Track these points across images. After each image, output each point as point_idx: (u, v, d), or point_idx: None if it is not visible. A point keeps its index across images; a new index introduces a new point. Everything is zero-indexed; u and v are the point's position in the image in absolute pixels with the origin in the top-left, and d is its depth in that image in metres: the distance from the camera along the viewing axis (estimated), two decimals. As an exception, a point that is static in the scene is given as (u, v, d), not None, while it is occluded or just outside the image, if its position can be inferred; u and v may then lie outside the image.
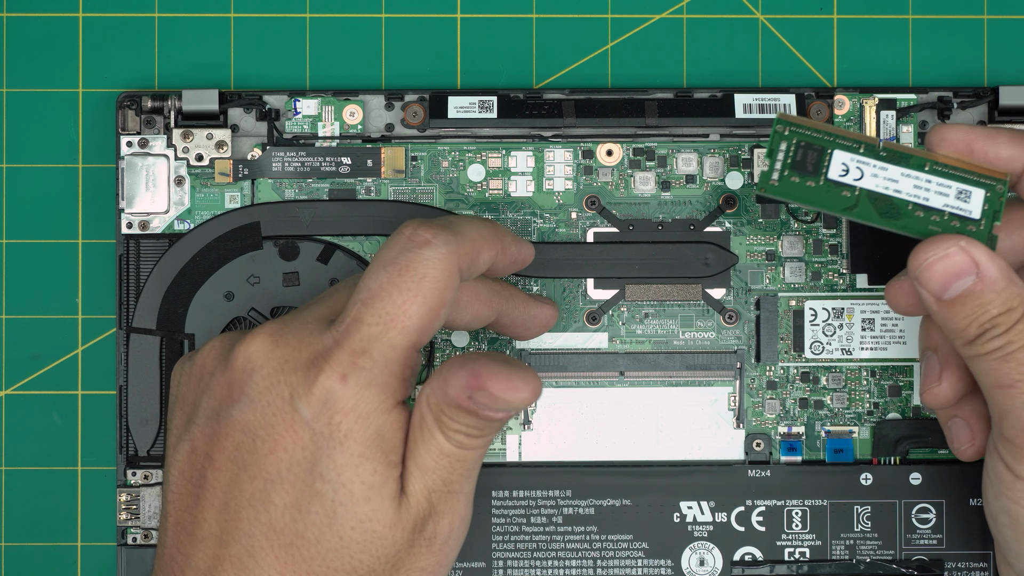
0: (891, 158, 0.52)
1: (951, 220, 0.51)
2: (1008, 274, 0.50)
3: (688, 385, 0.59)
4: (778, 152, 0.52)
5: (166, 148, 0.59)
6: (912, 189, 0.51)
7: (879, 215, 0.51)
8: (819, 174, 0.52)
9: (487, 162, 0.59)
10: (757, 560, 0.59)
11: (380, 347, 0.48)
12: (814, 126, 0.52)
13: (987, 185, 0.51)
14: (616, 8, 0.61)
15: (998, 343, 0.50)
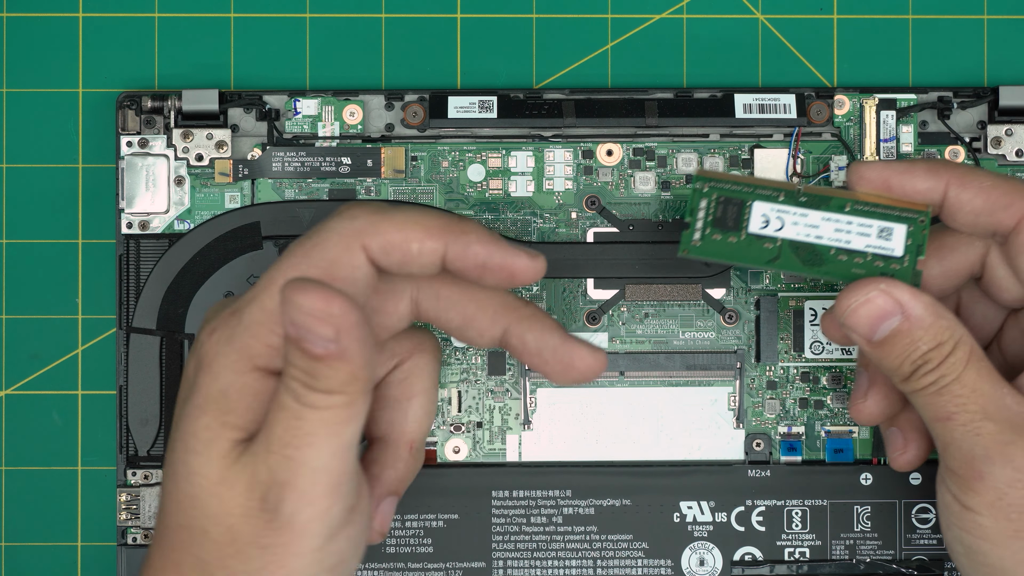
0: (811, 203, 0.51)
1: (875, 261, 0.51)
2: (934, 309, 0.50)
3: (688, 385, 0.59)
4: (699, 211, 0.51)
5: (166, 148, 0.59)
6: (833, 233, 0.51)
7: (803, 264, 0.51)
8: (740, 228, 0.51)
9: (487, 162, 0.59)
10: (757, 560, 0.59)
11: (250, 308, 0.47)
12: (732, 179, 0.52)
13: (908, 219, 0.51)
14: (616, 8, 0.61)
15: (932, 377, 0.50)
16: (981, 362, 0.50)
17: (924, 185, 0.51)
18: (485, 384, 0.59)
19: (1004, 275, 0.53)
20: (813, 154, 0.59)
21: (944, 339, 0.50)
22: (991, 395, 0.50)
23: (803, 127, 0.59)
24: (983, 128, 0.59)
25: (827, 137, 0.59)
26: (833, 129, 0.59)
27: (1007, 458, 0.49)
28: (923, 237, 0.51)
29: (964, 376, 0.50)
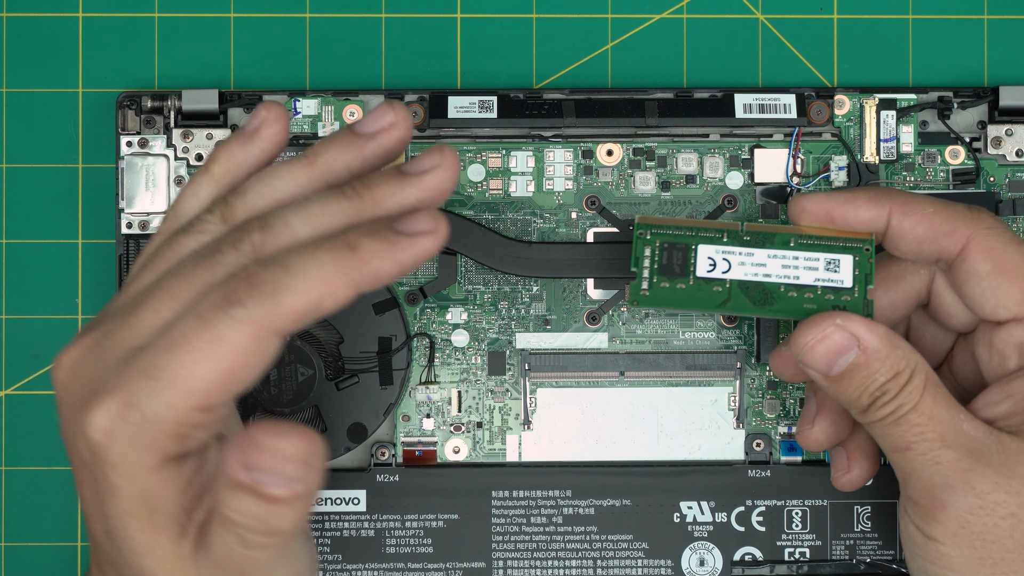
0: (755, 241, 0.51)
1: (825, 294, 0.51)
2: (890, 339, 0.50)
3: (688, 385, 0.59)
4: (644, 260, 0.51)
5: (166, 148, 0.59)
6: (781, 270, 0.51)
7: (754, 304, 0.51)
8: (687, 274, 0.51)
9: (487, 162, 0.59)
10: (757, 560, 0.59)
11: (153, 403, 0.43)
12: (673, 223, 0.51)
13: (854, 249, 0.51)
14: (616, 8, 0.61)
15: (890, 408, 0.50)
16: (937, 388, 0.50)
17: (867, 215, 0.51)
18: (485, 384, 0.59)
19: (951, 301, 0.53)
20: (813, 154, 0.59)
21: (901, 368, 0.49)
22: (948, 422, 0.49)
23: (803, 127, 0.59)
24: (983, 128, 0.59)
25: (827, 137, 0.59)
26: (833, 129, 0.59)
27: (968, 485, 0.49)
28: (870, 266, 0.51)
29: (921, 404, 0.49)
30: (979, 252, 0.50)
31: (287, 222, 0.45)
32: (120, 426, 0.44)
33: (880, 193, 0.51)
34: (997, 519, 0.49)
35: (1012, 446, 0.49)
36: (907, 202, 0.51)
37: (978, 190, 0.59)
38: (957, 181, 0.59)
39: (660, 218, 0.52)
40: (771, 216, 0.59)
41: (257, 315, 0.43)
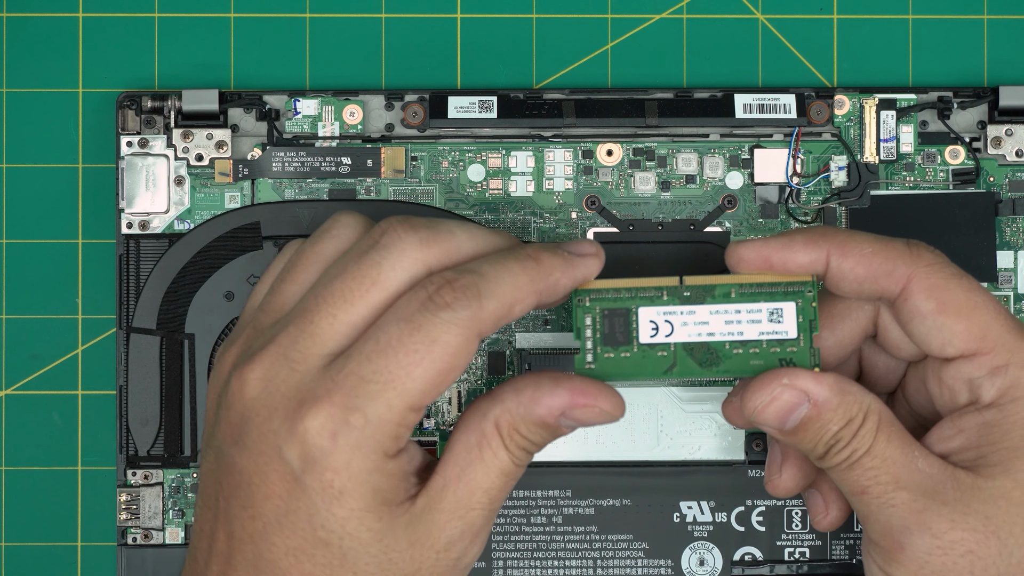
0: (695, 297, 0.50)
1: (771, 347, 0.50)
2: (839, 387, 0.49)
3: (688, 385, 0.59)
4: (585, 330, 0.50)
5: (166, 148, 0.59)
6: (724, 327, 0.50)
7: (700, 366, 0.50)
8: (630, 341, 0.50)
9: (487, 162, 0.59)
10: (757, 560, 0.59)
11: (375, 406, 0.46)
12: (611, 285, 0.50)
13: (796, 294, 0.50)
14: (616, 8, 0.61)
15: (844, 454, 0.49)
16: (891, 428, 0.49)
17: (805, 258, 0.50)
18: (485, 384, 0.59)
19: (897, 335, 0.52)
20: (813, 154, 0.59)
21: (853, 414, 0.49)
22: (902, 461, 0.49)
23: (803, 127, 0.59)
24: (983, 128, 0.59)
25: (827, 137, 0.59)
26: (833, 129, 0.59)
27: (924, 526, 0.48)
28: (813, 311, 0.50)
29: (874, 447, 0.49)
30: (921, 291, 0.49)
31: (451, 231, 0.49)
32: (344, 429, 0.46)
33: (817, 235, 0.50)
34: (956, 557, 0.48)
35: (966, 482, 0.49)
36: (845, 242, 0.50)
37: (978, 190, 0.59)
38: (957, 181, 0.59)
39: (597, 282, 0.50)
40: (771, 216, 0.59)
41: (464, 317, 0.46)
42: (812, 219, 0.59)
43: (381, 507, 0.47)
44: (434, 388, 0.46)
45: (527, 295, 0.48)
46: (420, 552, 0.48)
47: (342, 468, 0.46)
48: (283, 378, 0.47)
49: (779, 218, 0.59)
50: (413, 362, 0.46)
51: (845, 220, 0.59)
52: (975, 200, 0.59)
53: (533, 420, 0.48)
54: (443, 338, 0.46)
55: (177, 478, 0.59)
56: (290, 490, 0.47)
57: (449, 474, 0.48)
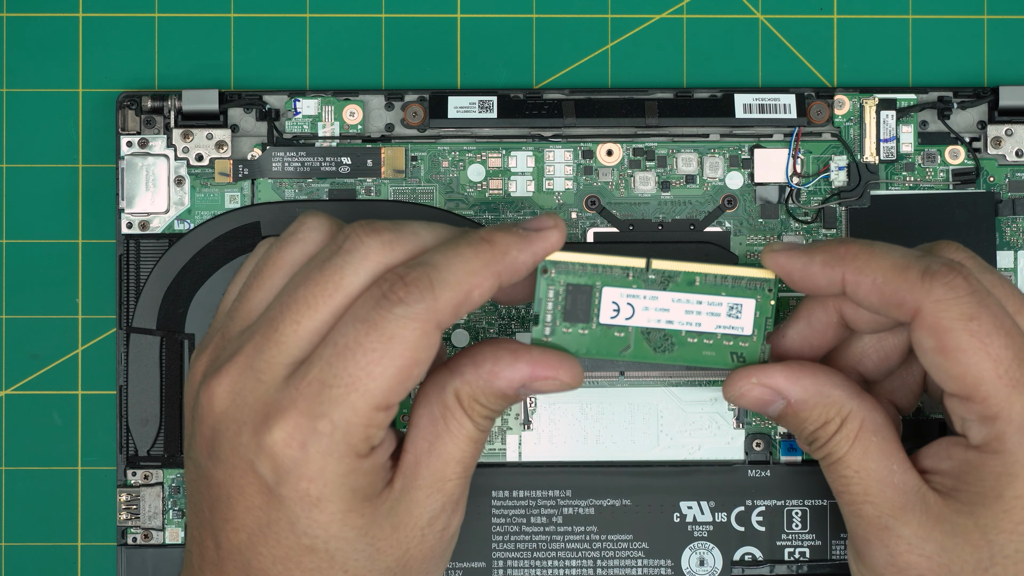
0: (660, 281, 0.50)
1: (723, 340, 0.50)
2: (816, 388, 0.50)
3: (688, 385, 0.59)
4: (546, 302, 0.50)
5: (166, 148, 0.59)
6: (684, 316, 0.50)
7: (654, 351, 0.50)
8: (591, 319, 0.50)
9: (487, 162, 0.59)
10: (757, 560, 0.59)
11: (340, 411, 0.46)
12: (578, 259, 0.50)
13: (756, 290, 0.50)
14: (616, 8, 0.61)
15: (822, 453, 0.50)
16: (872, 437, 0.50)
17: (823, 280, 0.50)
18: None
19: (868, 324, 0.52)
20: (813, 154, 0.59)
21: (830, 417, 0.50)
22: (876, 475, 0.49)
23: (803, 127, 0.59)
24: (983, 128, 0.59)
25: (827, 137, 0.59)
26: (833, 129, 0.59)
27: (882, 543, 0.49)
28: (771, 309, 0.50)
29: (848, 456, 0.50)
30: (924, 327, 0.48)
31: (415, 231, 0.48)
32: (313, 438, 0.46)
33: (835, 257, 0.49)
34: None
35: (935, 508, 0.49)
36: (860, 268, 0.49)
37: (978, 190, 0.59)
38: (957, 181, 0.59)
39: (564, 253, 0.50)
40: (771, 216, 0.59)
41: (419, 310, 0.46)
42: (812, 219, 0.59)
43: (363, 504, 0.47)
44: (398, 385, 0.46)
45: (483, 279, 0.47)
46: (405, 533, 0.48)
47: (316, 476, 0.46)
48: (250, 390, 0.47)
49: (779, 218, 0.59)
50: (372, 361, 0.46)
51: (845, 220, 0.59)
52: (975, 200, 0.59)
53: (492, 392, 0.48)
54: (400, 334, 0.46)
55: (177, 478, 0.59)
56: (268, 502, 0.47)
57: (419, 450, 0.48)
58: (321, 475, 0.46)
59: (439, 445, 0.48)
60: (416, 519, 0.48)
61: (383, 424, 0.47)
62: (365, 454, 0.47)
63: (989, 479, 0.48)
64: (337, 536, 0.47)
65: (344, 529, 0.47)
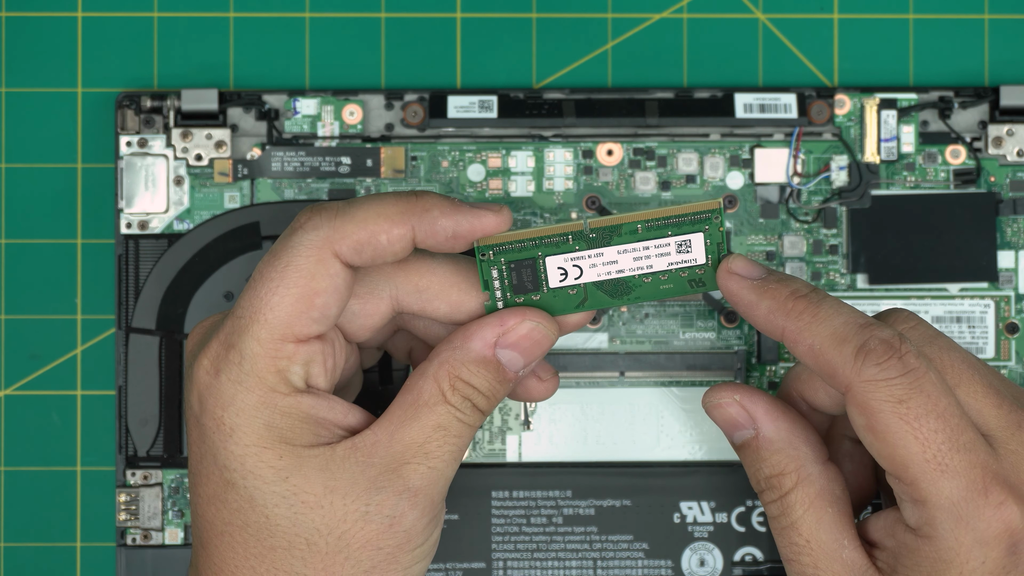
0: (602, 238, 0.49)
1: (679, 273, 0.49)
2: (789, 437, 0.49)
3: (688, 385, 0.59)
4: (493, 282, 0.49)
5: (165, 148, 0.59)
6: (634, 263, 0.49)
7: (611, 297, 0.50)
8: (540, 287, 0.49)
9: (487, 162, 0.59)
10: (757, 561, 0.59)
11: (246, 341, 0.47)
12: (514, 237, 0.49)
13: (703, 222, 0.49)
14: (616, 8, 0.61)
15: (774, 510, 0.49)
16: (828, 508, 0.49)
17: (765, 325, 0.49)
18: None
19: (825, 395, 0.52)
20: (814, 154, 0.59)
21: (788, 470, 0.49)
22: (827, 549, 0.49)
23: (804, 127, 0.59)
24: (984, 128, 0.59)
25: (828, 137, 0.59)
26: (834, 129, 0.59)
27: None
28: (721, 235, 0.49)
29: (801, 523, 0.49)
30: (855, 405, 0.47)
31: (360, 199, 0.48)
32: (225, 366, 0.47)
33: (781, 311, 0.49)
34: None
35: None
36: (800, 330, 0.48)
37: (979, 190, 0.59)
38: (958, 181, 0.59)
39: (501, 235, 0.49)
40: (771, 216, 0.59)
41: (315, 237, 0.47)
42: (813, 219, 0.59)
43: (280, 445, 0.47)
44: (299, 315, 0.47)
45: (394, 224, 0.47)
46: (342, 501, 0.47)
47: (228, 403, 0.47)
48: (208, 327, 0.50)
49: (779, 218, 0.59)
50: (270, 290, 0.47)
51: (846, 220, 0.59)
52: (976, 200, 0.59)
53: (471, 359, 0.48)
54: (294, 262, 0.47)
55: (176, 478, 0.59)
56: (198, 436, 0.48)
57: (381, 431, 0.48)
58: (232, 403, 0.47)
59: (403, 427, 0.48)
60: (360, 492, 0.47)
61: (296, 358, 0.47)
62: (282, 391, 0.47)
63: (925, 565, 0.47)
64: (252, 472, 0.47)
65: (259, 465, 0.47)
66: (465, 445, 0.49)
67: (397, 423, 0.48)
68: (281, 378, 0.47)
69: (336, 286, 0.47)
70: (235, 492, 0.47)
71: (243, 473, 0.47)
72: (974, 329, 0.59)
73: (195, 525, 0.49)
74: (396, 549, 0.48)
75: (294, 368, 0.47)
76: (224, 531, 0.48)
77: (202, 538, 0.49)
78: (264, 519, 0.47)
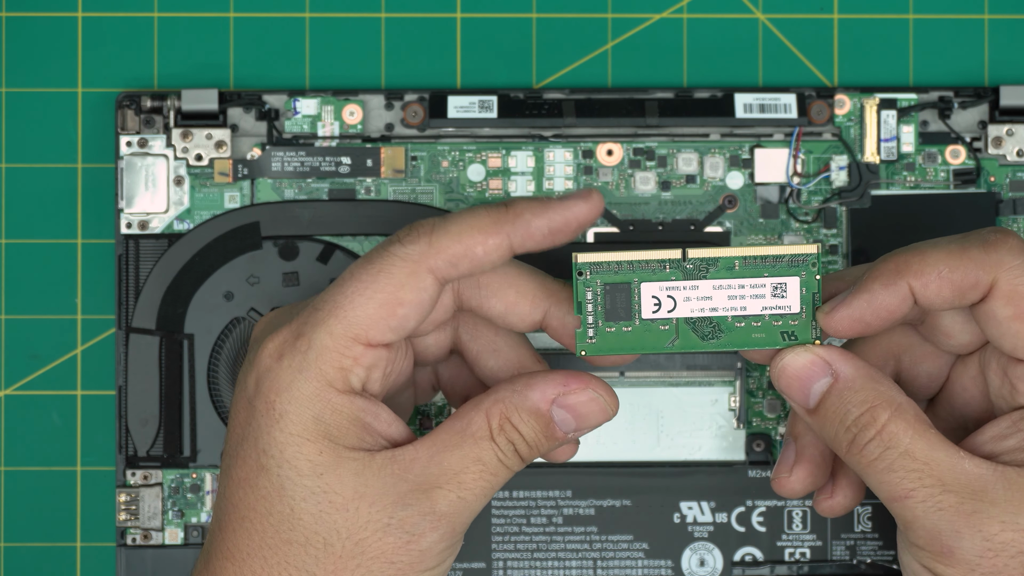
0: (698, 269, 0.49)
1: (772, 321, 0.49)
2: (868, 372, 0.48)
3: (688, 385, 0.59)
4: (587, 304, 0.49)
5: (165, 148, 0.59)
6: (727, 302, 0.49)
7: (702, 339, 0.49)
8: (632, 316, 0.49)
9: (487, 162, 0.59)
10: (758, 561, 0.59)
11: (318, 333, 0.48)
12: (612, 258, 0.49)
13: (799, 267, 0.49)
14: (616, 8, 0.61)
15: (874, 450, 0.48)
16: (929, 430, 0.48)
17: (894, 304, 0.48)
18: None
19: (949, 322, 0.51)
20: (814, 154, 0.59)
21: (878, 403, 0.48)
22: (947, 463, 0.47)
23: (804, 127, 0.59)
24: (984, 128, 0.59)
25: (828, 137, 0.59)
26: (834, 129, 0.59)
27: (975, 529, 0.47)
28: (817, 284, 0.49)
29: (913, 447, 0.48)
30: (1000, 296, 0.47)
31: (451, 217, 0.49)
32: (289, 352, 0.48)
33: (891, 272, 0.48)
34: (1007, 559, 0.47)
35: (1017, 480, 0.47)
36: (920, 270, 0.48)
37: (979, 190, 0.59)
38: (958, 181, 0.59)
39: (598, 254, 0.49)
40: (772, 216, 0.59)
41: (413, 251, 0.48)
42: (812, 219, 0.59)
43: (322, 439, 0.48)
44: (379, 320, 0.47)
45: (489, 235, 0.48)
46: (368, 509, 0.47)
47: (283, 389, 0.48)
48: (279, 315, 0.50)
49: (779, 218, 0.59)
50: (356, 291, 0.48)
51: (845, 220, 0.59)
52: (976, 200, 0.59)
53: (526, 408, 0.48)
54: (388, 269, 0.48)
55: (176, 478, 0.59)
56: (247, 415, 0.49)
57: (422, 449, 0.48)
58: (288, 390, 0.48)
59: (444, 453, 0.48)
60: (387, 503, 0.48)
61: (362, 361, 0.48)
62: (340, 388, 0.48)
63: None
64: (290, 461, 0.47)
65: (298, 455, 0.47)
66: (498, 484, 0.49)
67: (440, 446, 0.48)
68: (341, 376, 0.48)
69: (421, 300, 0.48)
70: (267, 478, 0.48)
71: (280, 461, 0.48)
72: (974, 329, 0.59)
73: (218, 507, 0.49)
74: (408, 567, 0.48)
75: (357, 370, 0.48)
76: (246, 516, 0.48)
77: (221, 521, 0.49)
78: (289, 511, 0.48)
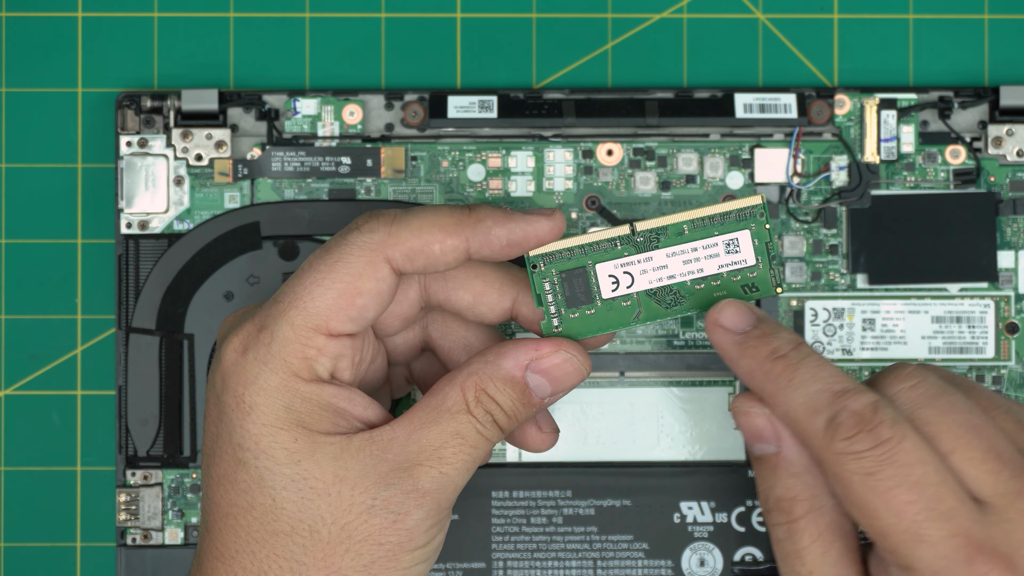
0: (648, 242, 0.49)
1: (731, 277, 0.49)
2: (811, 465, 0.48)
3: (688, 385, 0.59)
4: (546, 296, 0.49)
5: (165, 148, 0.59)
6: (683, 267, 0.49)
7: (666, 308, 0.50)
8: (593, 299, 0.50)
9: (487, 162, 0.59)
10: (758, 561, 0.59)
11: (279, 324, 0.48)
12: (561, 245, 0.49)
13: (747, 220, 0.49)
14: (616, 8, 0.61)
15: (781, 534, 0.49)
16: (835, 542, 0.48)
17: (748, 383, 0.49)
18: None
19: None
20: (814, 154, 0.59)
21: (802, 497, 0.48)
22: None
23: (804, 127, 0.59)
24: (984, 128, 0.59)
25: (828, 137, 0.59)
26: (834, 129, 0.59)
27: None
28: (768, 232, 0.49)
29: (806, 553, 0.48)
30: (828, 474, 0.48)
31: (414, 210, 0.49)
32: (253, 345, 0.48)
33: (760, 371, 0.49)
34: None
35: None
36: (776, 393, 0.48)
37: (979, 190, 0.59)
38: (958, 181, 0.59)
39: (549, 245, 0.49)
40: (771, 216, 0.59)
41: (370, 240, 0.48)
42: (812, 219, 0.59)
43: (296, 428, 0.48)
44: (338, 310, 0.48)
45: (449, 235, 0.48)
46: (350, 492, 0.47)
47: (250, 382, 0.48)
48: (242, 314, 0.50)
49: (779, 218, 0.59)
50: (315, 281, 0.48)
51: (846, 220, 0.59)
52: (976, 200, 0.59)
53: (500, 376, 0.48)
54: (347, 259, 0.48)
55: (176, 478, 0.59)
56: (218, 414, 0.49)
57: (400, 428, 0.48)
58: (255, 382, 0.48)
59: (422, 429, 0.48)
60: (369, 485, 0.48)
61: (326, 351, 0.48)
62: (306, 377, 0.48)
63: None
64: (266, 452, 0.47)
65: (273, 445, 0.47)
66: (480, 457, 0.49)
67: (417, 423, 0.48)
68: (306, 366, 0.48)
69: (380, 290, 0.48)
70: (245, 472, 0.48)
71: (256, 452, 0.48)
72: (974, 329, 0.59)
73: (203, 510, 0.50)
74: (397, 547, 0.48)
75: (322, 360, 0.48)
76: (229, 512, 0.48)
77: (207, 522, 0.49)
78: (271, 501, 0.48)
